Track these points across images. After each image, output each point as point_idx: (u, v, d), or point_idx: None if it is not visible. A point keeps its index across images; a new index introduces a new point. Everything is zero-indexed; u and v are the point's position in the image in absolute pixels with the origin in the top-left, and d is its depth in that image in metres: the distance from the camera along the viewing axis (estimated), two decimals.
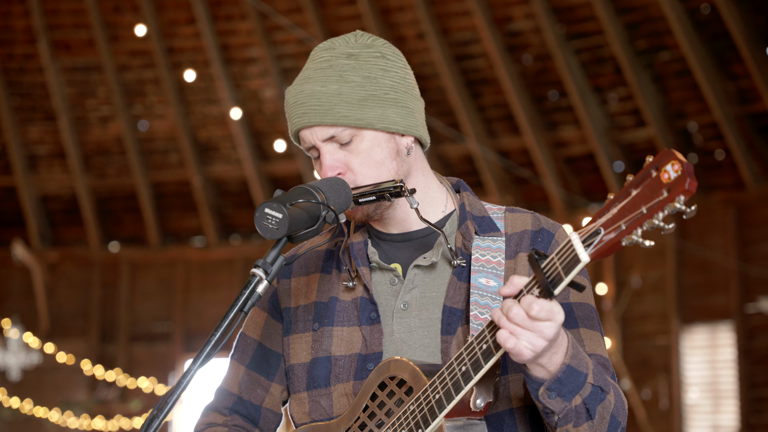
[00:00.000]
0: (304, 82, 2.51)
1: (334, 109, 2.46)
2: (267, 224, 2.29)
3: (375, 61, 2.51)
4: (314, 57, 2.55)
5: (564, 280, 2.14)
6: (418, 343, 2.49)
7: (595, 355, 2.47)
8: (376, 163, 2.49)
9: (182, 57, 14.42)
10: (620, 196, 2.10)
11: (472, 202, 2.61)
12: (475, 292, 2.45)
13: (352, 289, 2.58)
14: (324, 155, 2.49)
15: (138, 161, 14.80)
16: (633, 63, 12.67)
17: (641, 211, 2.06)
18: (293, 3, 13.79)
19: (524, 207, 12.28)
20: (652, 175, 2.06)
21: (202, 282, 15.09)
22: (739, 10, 12.07)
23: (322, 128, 2.48)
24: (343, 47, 2.53)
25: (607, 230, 2.09)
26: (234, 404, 2.70)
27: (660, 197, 2.04)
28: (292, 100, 2.51)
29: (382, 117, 2.49)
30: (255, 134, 14.61)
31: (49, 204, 15.48)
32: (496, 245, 2.53)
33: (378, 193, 2.47)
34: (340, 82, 2.47)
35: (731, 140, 12.51)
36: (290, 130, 2.55)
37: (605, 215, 2.11)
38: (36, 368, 14.62)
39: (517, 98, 13.15)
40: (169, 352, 14.94)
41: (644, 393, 12.93)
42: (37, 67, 14.78)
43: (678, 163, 2.02)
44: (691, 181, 2.01)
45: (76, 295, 15.35)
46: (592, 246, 2.11)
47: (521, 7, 13.11)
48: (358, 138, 2.48)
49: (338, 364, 2.53)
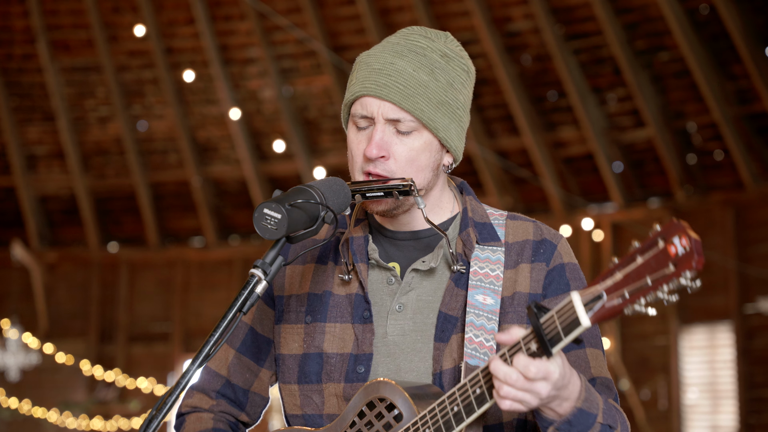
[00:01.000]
0: (396, 56, 2.47)
1: (416, 98, 2.43)
2: (266, 224, 2.28)
3: (460, 73, 2.50)
4: (408, 37, 2.51)
5: (563, 341, 2.13)
6: (411, 347, 2.48)
7: (600, 378, 2.48)
8: (420, 165, 2.46)
9: (181, 57, 14.43)
10: (625, 261, 2.08)
11: (475, 207, 2.60)
12: (471, 311, 2.44)
13: (347, 284, 2.56)
14: (377, 132, 2.45)
15: (137, 161, 14.81)
16: (632, 63, 12.68)
17: (646, 281, 2.03)
18: (292, 3, 13.79)
19: (523, 207, 12.20)
20: (659, 246, 2.04)
21: (201, 282, 15.09)
22: (738, 10, 12.08)
23: (394, 108, 2.44)
24: (440, 44, 2.50)
25: (610, 296, 2.08)
26: (222, 387, 2.68)
27: (666, 270, 2.01)
28: (378, 66, 2.47)
29: (447, 128, 2.47)
30: (254, 134, 14.62)
31: (48, 204, 15.48)
32: (496, 256, 2.51)
33: (386, 190, 2.45)
34: (430, 75, 2.45)
35: (730, 140, 12.52)
36: (356, 90, 2.50)
37: (608, 279, 2.08)
38: (35, 368, 14.62)
39: (516, 98, 13.15)
40: (168, 352, 14.94)
41: (643, 393, 12.94)
42: (36, 68, 14.78)
43: (686, 238, 2.01)
44: (698, 259, 1.99)
45: (75, 295, 15.35)
46: (594, 310, 2.09)
47: (520, 7, 13.12)
48: (417, 134, 2.46)
49: (330, 362, 2.51)
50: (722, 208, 12.79)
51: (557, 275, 2.52)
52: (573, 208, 13.42)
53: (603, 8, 12.48)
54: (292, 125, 14.16)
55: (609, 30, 12.55)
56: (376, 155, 2.44)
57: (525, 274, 2.51)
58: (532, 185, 13.64)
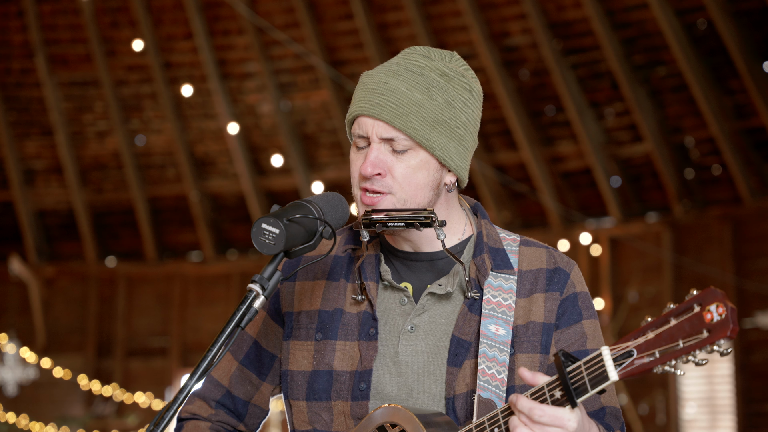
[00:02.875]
0: (391, 76, 2.48)
1: (408, 117, 2.44)
2: (264, 239, 2.29)
3: (461, 92, 2.50)
4: (407, 56, 2.52)
5: (589, 392, 2.15)
6: (423, 369, 2.48)
7: (609, 407, 2.50)
8: (418, 184, 2.47)
9: (179, 72, 14.44)
10: (658, 321, 2.11)
11: (489, 232, 2.60)
12: (484, 341, 2.45)
13: (359, 303, 2.56)
14: (372, 150, 2.46)
15: (135, 176, 14.80)
16: (630, 78, 12.69)
17: (678, 344, 2.07)
18: (290, 18, 13.81)
19: (521, 222, 12.18)
20: (694, 310, 2.06)
21: (199, 297, 15.07)
22: (736, 25, 12.09)
23: (387, 127, 2.46)
24: (439, 62, 2.50)
25: (640, 354, 2.10)
26: (222, 397, 2.69)
27: (700, 336, 2.05)
28: (372, 85, 2.49)
29: (444, 147, 2.48)
30: (252, 149, 14.62)
31: (46, 219, 15.47)
32: (508, 284, 2.52)
33: (408, 221, 2.45)
34: (425, 94, 2.45)
35: (728, 155, 12.52)
36: (353, 110, 2.52)
37: (641, 337, 2.11)
38: (32, 383, 14.60)
39: (514, 113, 13.16)
40: (165, 367, 14.92)
41: (641, 408, 12.92)
42: (35, 82, 14.78)
43: (723, 306, 2.03)
44: (734, 328, 2.01)
45: (73, 309, 15.33)
46: (623, 366, 2.11)
47: (518, 22, 13.14)
48: (413, 152, 2.46)
49: (339, 380, 2.52)
50: (720, 223, 12.79)
51: (570, 305, 2.53)
52: (571, 222, 13.41)
53: (601, 23, 12.50)
54: (290, 140, 14.17)
55: (607, 45, 12.56)
56: (371, 173, 2.45)
57: (539, 303, 2.51)
58: (530, 200, 13.64)
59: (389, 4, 13.50)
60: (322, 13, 13.77)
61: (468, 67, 2.56)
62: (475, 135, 2.56)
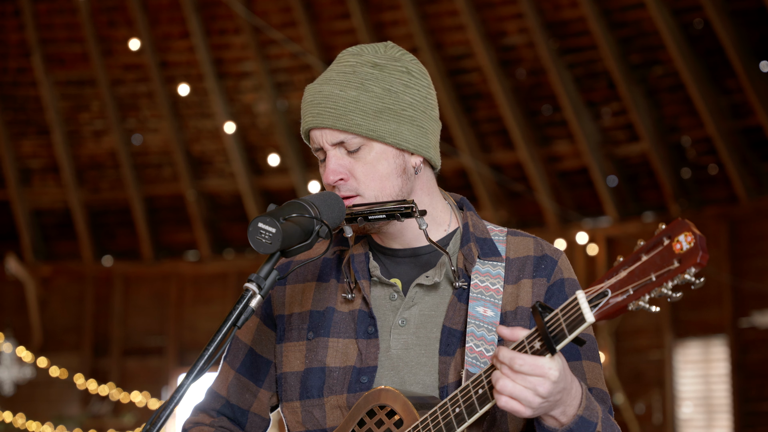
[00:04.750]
0: (324, 83, 2.51)
1: (348, 116, 2.46)
2: (260, 239, 2.29)
3: (399, 76, 2.51)
4: (340, 60, 2.54)
5: (567, 338, 2.16)
6: (415, 360, 2.49)
7: (596, 389, 2.50)
8: (381, 176, 2.48)
9: (176, 71, 14.43)
10: (630, 259, 2.12)
11: (476, 223, 2.62)
12: (472, 322, 2.46)
13: (350, 301, 2.57)
14: (330, 159, 2.49)
15: (131, 175, 14.80)
16: (626, 77, 12.70)
17: (650, 278, 2.08)
18: (287, 17, 13.81)
19: (518, 221, 12.21)
20: (664, 243, 2.09)
21: (196, 296, 15.07)
22: (733, 24, 12.10)
23: (332, 132, 2.48)
24: (370, 55, 2.52)
25: (615, 293, 2.12)
26: (222, 407, 2.71)
27: (670, 267, 2.06)
28: (309, 98, 2.51)
29: (395, 132, 2.49)
30: (249, 148, 14.62)
31: (43, 218, 15.46)
32: (496, 271, 2.53)
33: (388, 212, 2.46)
34: (359, 89, 2.47)
35: (724, 155, 12.53)
36: (302, 127, 2.55)
37: (613, 277, 2.13)
38: (29, 382, 14.59)
39: (511, 112, 13.16)
40: (162, 366, 14.91)
41: (638, 407, 12.93)
42: (31, 81, 14.78)
43: (691, 235, 2.07)
44: (703, 255, 2.05)
45: (70, 309, 15.32)
46: (598, 307, 2.13)
47: (515, 21, 13.14)
48: (366, 148, 2.48)
49: (332, 376, 2.52)
50: (716, 222, 12.80)
51: (557, 290, 2.54)
52: (567, 222, 13.42)
53: (597, 23, 12.50)
54: (287, 139, 14.17)
55: (603, 44, 12.57)
56: (333, 180, 2.48)
57: (527, 289, 2.52)
58: (527, 199, 13.64)
59: (386, 3, 13.50)
60: (319, 12, 13.77)
61: (405, 52, 2.57)
62: (431, 113, 2.56)
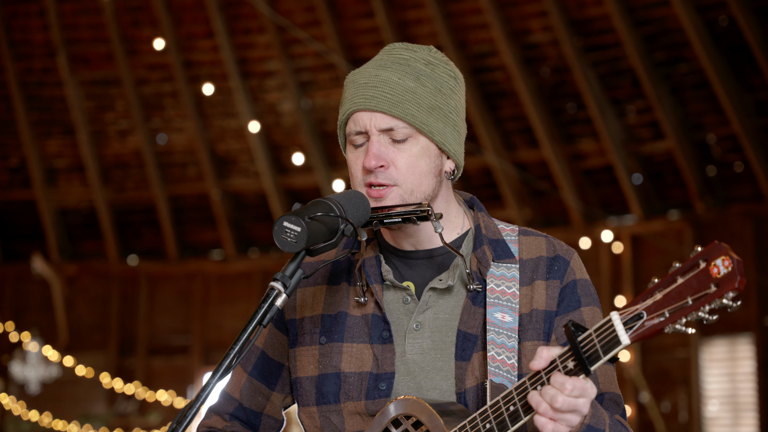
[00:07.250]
0: (380, 69, 2.49)
1: (404, 104, 2.45)
2: (285, 237, 2.29)
3: (448, 79, 2.52)
4: (390, 51, 2.54)
5: (602, 359, 2.14)
6: (431, 365, 2.48)
7: (609, 393, 2.49)
8: (420, 172, 2.47)
9: (200, 70, 14.47)
10: (665, 281, 2.09)
11: (487, 224, 2.60)
12: (491, 329, 2.45)
13: (363, 305, 2.56)
14: (373, 143, 2.46)
15: (156, 174, 14.84)
16: (651, 75, 12.65)
17: (687, 301, 2.05)
18: (311, 16, 13.82)
19: (542, 220, 12.18)
20: (701, 266, 2.06)
21: (221, 295, 15.10)
22: (758, 21, 12.04)
23: (384, 117, 2.46)
24: (423, 53, 2.53)
25: (650, 315, 2.09)
26: (235, 410, 2.71)
27: (708, 291, 2.03)
28: (363, 80, 2.49)
29: (442, 131, 2.49)
30: (273, 147, 14.63)
31: (68, 217, 15.52)
32: (511, 273, 2.52)
33: (405, 216, 2.44)
34: (417, 82, 2.46)
35: (750, 152, 12.47)
36: (346, 109, 2.52)
37: (649, 299, 2.10)
38: (55, 381, 14.66)
39: (535, 111, 13.14)
40: (187, 365, 14.95)
41: (664, 406, 12.89)
42: (56, 81, 14.83)
43: (729, 259, 2.03)
44: (741, 279, 2.01)
45: (95, 308, 15.38)
46: (633, 329, 2.10)
47: (539, 19, 13.11)
48: (413, 140, 2.47)
49: (348, 381, 2.51)
50: (742, 220, 12.74)
51: (569, 292, 2.53)
52: (592, 220, 13.38)
53: (622, 20, 12.47)
54: (311, 138, 14.18)
55: (628, 42, 12.53)
56: (374, 165, 2.45)
57: (541, 290, 2.51)
58: (552, 197, 13.61)
59: (410, 1, 13.49)
60: (343, 11, 13.78)
61: (448, 60, 2.58)
62: (464, 123, 2.57)
